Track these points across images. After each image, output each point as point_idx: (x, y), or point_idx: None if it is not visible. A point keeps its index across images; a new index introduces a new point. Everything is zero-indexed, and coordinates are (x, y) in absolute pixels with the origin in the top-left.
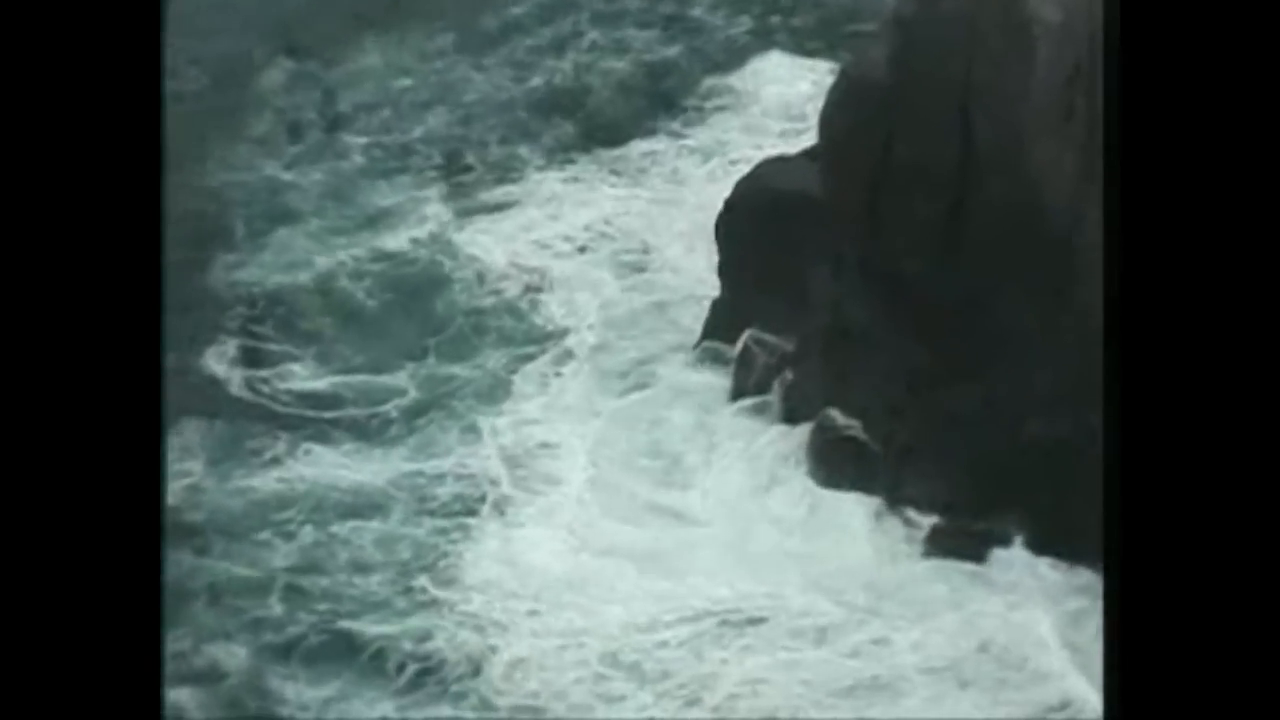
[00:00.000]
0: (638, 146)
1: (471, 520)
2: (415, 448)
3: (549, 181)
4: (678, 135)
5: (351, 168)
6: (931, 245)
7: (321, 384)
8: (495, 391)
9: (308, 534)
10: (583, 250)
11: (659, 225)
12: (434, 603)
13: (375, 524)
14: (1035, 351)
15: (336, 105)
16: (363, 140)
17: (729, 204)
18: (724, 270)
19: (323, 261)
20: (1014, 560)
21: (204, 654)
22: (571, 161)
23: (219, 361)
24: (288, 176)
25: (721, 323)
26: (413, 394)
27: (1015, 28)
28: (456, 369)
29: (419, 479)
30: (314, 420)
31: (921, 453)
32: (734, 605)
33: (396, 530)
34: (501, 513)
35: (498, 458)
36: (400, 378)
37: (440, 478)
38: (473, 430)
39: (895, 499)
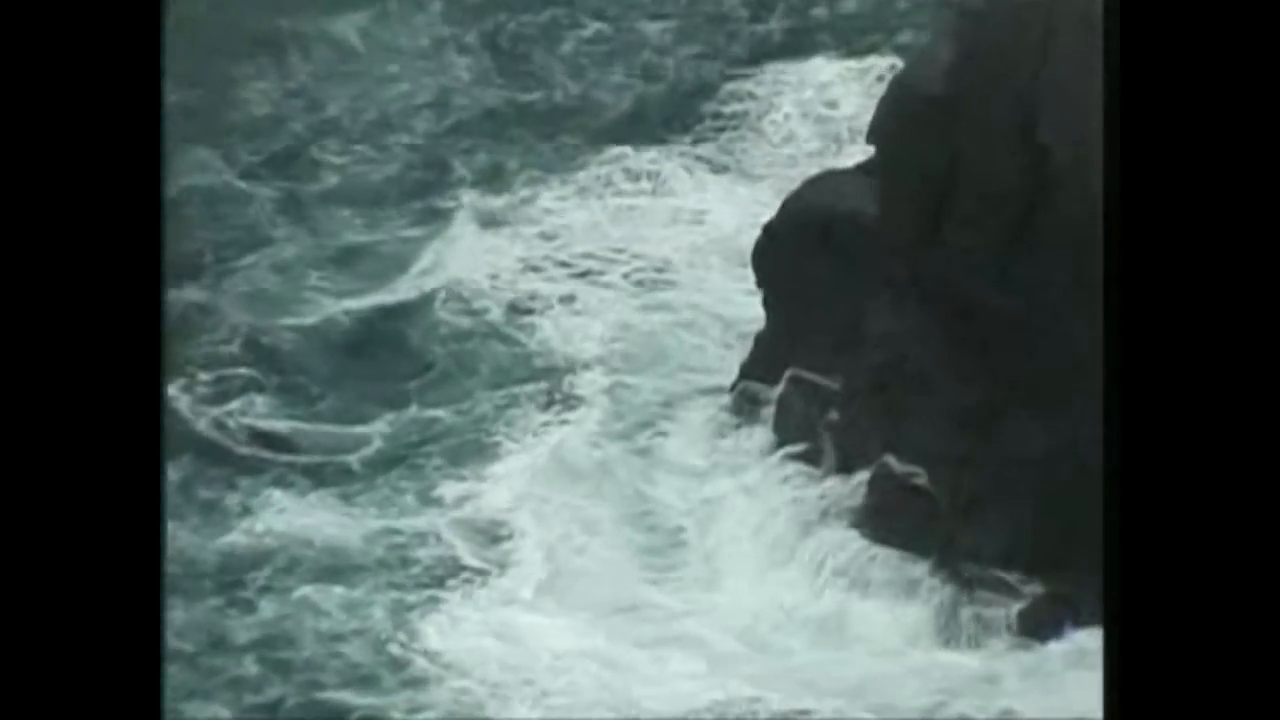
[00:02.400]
0: (648, 157)
1: (445, 593)
2: (384, 504)
3: (550, 195)
4: (696, 145)
5: (324, 186)
6: (999, 269)
7: (289, 426)
8: (479, 444)
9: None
10: (586, 275)
11: (676, 244)
12: (417, 681)
13: (343, 589)
14: None
15: (317, 111)
16: (339, 149)
17: (771, 226)
18: (766, 301)
19: (293, 289)
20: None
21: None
22: (580, 169)
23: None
24: (255, 189)
25: (762, 360)
26: (379, 444)
27: (1091, 25)
28: (440, 413)
29: (394, 538)
30: (276, 465)
31: (992, 503)
32: (759, 695)
33: (369, 596)
34: (485, 585)
35: (474, 524)
36: (377, 424)
37: (420, 537)
38: (450, 487)
39: (962, 558)
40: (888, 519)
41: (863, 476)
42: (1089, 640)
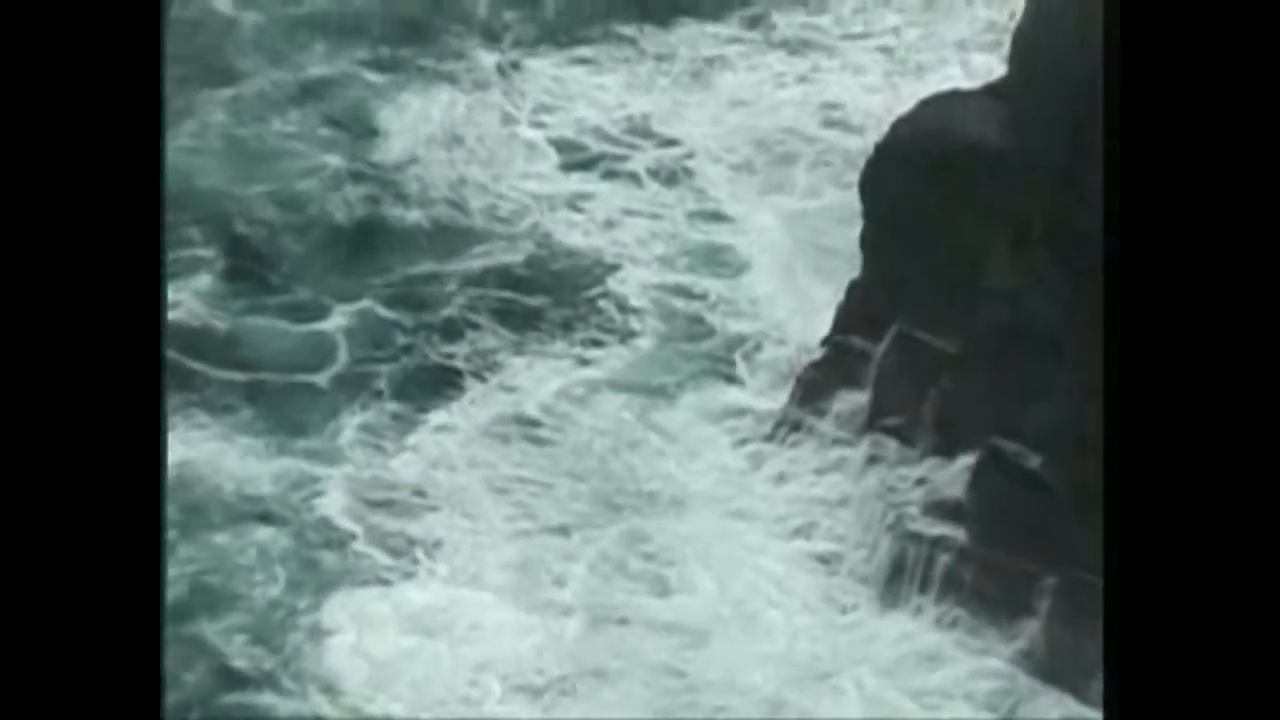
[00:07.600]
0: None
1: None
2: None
3: (543, 66)
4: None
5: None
6: None
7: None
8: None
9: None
10: (610, 165)
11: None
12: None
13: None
14: None
15: None
16: None
17: (881, 151)
18: (868, 241)
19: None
20: None
21: None
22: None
23: None
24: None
25: (859, 311)
26: (344, 359)
27: None
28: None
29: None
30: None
31: None
32: None
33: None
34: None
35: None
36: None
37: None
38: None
39: (1084, 570)
40: (994, 514)
41: (968, 460)
42: None
